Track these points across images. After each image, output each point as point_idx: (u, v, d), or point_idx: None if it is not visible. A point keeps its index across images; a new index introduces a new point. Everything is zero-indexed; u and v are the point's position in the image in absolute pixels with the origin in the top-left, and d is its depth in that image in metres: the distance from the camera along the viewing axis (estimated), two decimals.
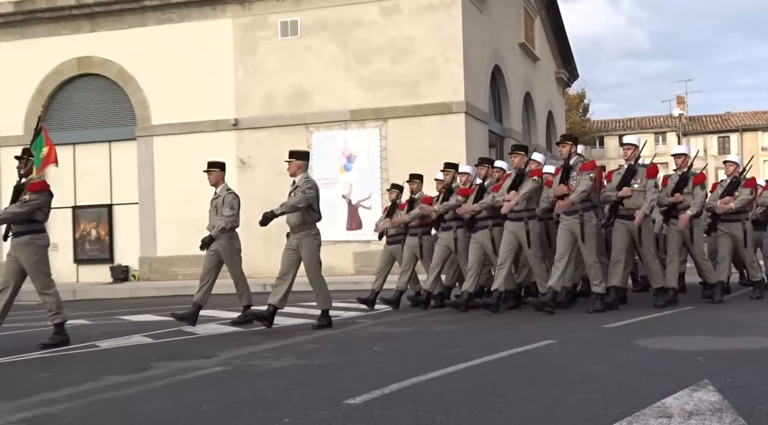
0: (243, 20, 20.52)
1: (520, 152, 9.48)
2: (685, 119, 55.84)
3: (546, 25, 28.70)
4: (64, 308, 7.87)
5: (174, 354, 6.79)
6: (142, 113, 21.14)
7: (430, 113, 18.92)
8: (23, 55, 21.71)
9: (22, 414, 4.37)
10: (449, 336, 7.35)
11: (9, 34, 21.93)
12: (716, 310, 8.88)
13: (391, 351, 6.49)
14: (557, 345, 6.37)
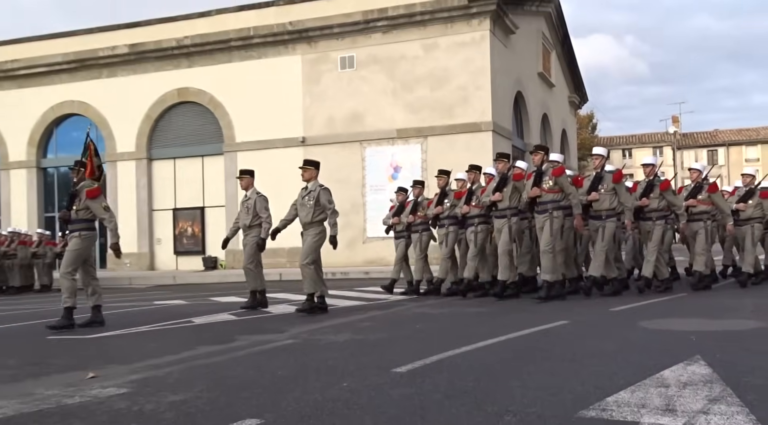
0: (309, 56, 20.65)
1: (503, 159, 9.19)
2: (679, 135, 54.84)
3: (561, 57, 28.33)
4: (77, 296, 7.38)
5: (253, 329, 6.81)
6: (228, 133, 21.40)
7: (462, 131, 18.83)
8: (135, 87, 22.16)
9: (134, 375, 4.43)
10: (478, 317, 7.29)
11: (124, 70, 22.40)
12: (707, 296, 8.65)
13: (431, 329, 6.45)
14: (570, 325, 6.26)
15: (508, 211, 8.81)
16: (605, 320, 6.71)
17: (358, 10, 20.01)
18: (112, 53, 22.26)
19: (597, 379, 3.81)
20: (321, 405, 3.41)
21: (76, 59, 22.62)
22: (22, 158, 23.58)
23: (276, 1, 21.21)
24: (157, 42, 21.78)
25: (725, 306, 7.55)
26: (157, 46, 21.77)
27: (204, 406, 3.49)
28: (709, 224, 9.55)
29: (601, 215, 8.71)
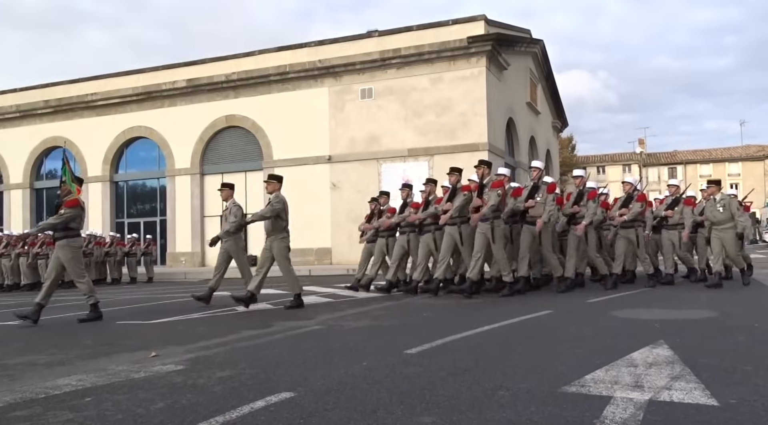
0: (335, 88, 20.70)
1: (454, 172, 8.72)
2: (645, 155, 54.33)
3: (545, 89, 28.20)
4: (96, 292, 7.28)
5: (287, 316, 6.79)
6: (267, 152, 21.49)
7: (463, 151, 18.77)
8: (190, 114, 22.33)
9: (188, 355, 4.43)
10: (476, 307, 7.21)
11: (182, 100, 22.59)
12: (668, 290, 8.54)
13: (436, 317, 6.40)
14: (554, 314, 6.20)
15: (457, 219, 8.29)
16: (583, 309, 6.63)
17: (377, 50, 20.07)
18: (172, 87, 22.47)
19: (576, 360, 3.77)
20: (344, 381, 3.39)
21: (144, 92, 22.86)
22: (98, 173, 23.84)
23: (308, 43, 21.33)
24: (209, 77, 21.95)
25: (684, 299, 7.44)
26: (209, 81, 21.94)
27: (246, 381, 3.48)
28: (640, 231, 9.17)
29: (536, 221, 8.29)
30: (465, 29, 19.19)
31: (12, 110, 24.96)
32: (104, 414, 2.87)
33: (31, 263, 15.43)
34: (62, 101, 24.09)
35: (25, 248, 15.57)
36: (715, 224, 8.92)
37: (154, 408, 2.94)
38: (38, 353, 4.81)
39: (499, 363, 3.76)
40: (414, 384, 3.27)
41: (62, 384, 3.55)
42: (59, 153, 24.91)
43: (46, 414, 2.92)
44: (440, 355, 4.06)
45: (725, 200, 8.89)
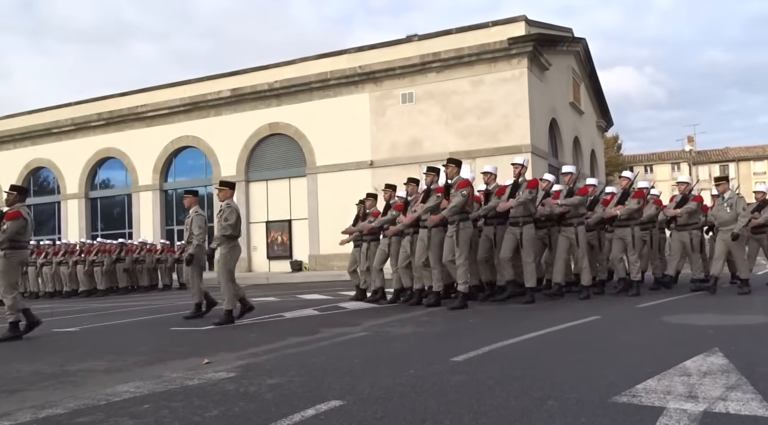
0: (376, 94, 20.82)
1: (431, 172, 8.02)
2: (694, 152, 52.74)
3: (589, 88, 27.67)
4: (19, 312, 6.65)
5: (333, 323, 6.83)
6: (310, 158, 21.76)
7: (505, 153, 18.55)
8: (235, 123, 22.82)
9: (238, 362, 4.52)
10: (522, 313, 7.10)
11: (227, 109, 23.11)
12: (720, 295, 8.25)
13: (482, 323, 6.34)
14: (602, 320, 6.08)
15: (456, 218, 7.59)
16: (633, 315, 6.49)
17: (416, 54, 20.09)
18: (217, 97, 23.01)
19: (627, 368, 3.69)
20: (392, 389, 3.42)
21: (190, 102, 23.49)
22: (148, 182, 24.59)
23: (348, 50, 21.52)
24: (253, 86, 22.38)
25: (737, 303, 7.20)
26: (253, 90, 22.37)
27: (296, 389, 3.55)
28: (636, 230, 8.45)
29: (518, 221, 7.77)
30: (505, 31, 19.03)
31: (68, 123, 26.00)
32: (162, 421, 2.97)
33: (87, 270, 16.02)
34: (114, 114, 24.97)
35: (82, 256, 16.18)
36: (720, 224, 8.37)
37: (209, 416, 3.03)
38: (97, 359, 5.00)
39: (548, 371, 3.72)
40: (462, 393, 3.27)
41: (121, 391, 3.69)
42: (113, 163, 25.84)
43: (108, 420, 3.04)
44: (487, 363, 4.04)
45: (733, 198, 8.27)
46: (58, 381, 4.16)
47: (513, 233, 7.83)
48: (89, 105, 25.86)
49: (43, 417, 3.17)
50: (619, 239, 8.47)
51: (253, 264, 22.86)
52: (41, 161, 27.06)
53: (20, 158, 27.35)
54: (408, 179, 8.75)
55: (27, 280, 16.85)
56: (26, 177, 27.48)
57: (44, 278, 16.73)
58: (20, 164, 27.36)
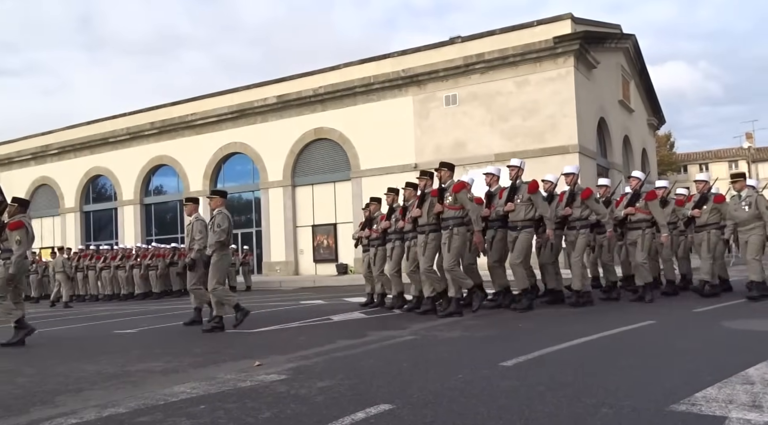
0: (419, 96, 20.81)
1: (424, 176, 7.77)
2: (753, 149, 50.53)
3: (639, 85, 26.93)
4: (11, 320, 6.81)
5: (381, 326, 6.84)
6: (354, 162, 21.91)
7: (552, 154, 18.29)
8: (281, 128, 23.18)
9: (289, 364, 4.58)
10: (573, 317, 6.95)
11: (273, 116, 23.51)
12: None
13: (531, 328, 6.25)
14: (657, 325, 5.90)
15: (426, 227, 7.40)
16: (689, 320, 6.27)
17: (459, 56, 19.99)
18: (264, 103, 23.43)
19: (685, 375, 3.58)
20: (441, 394, 3.41)
21: (238, 110, 23.99)
22: (198, 188, 25.22)
23: (391, 53, 21.58)
24: (298, 92, 22.70)
25: None
26: (298, 96, 22.69)
27: (345, 391, 3.58)
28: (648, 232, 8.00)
29: (516, 225, 7.44)
30: (550, 29, 18.72)
31: (123, 133, 26.96)
32: (217, 422, 3.05)
33: (143, 274, 16.55)
34: (166, 122, 25.74)
35: (138, 261, 16.73)
36: (740, 225, 7.84)
37: (262, 418, 3.09)
38: (154, 360, 5.16)
39: (601, 377, 3.64)
40: (512, 398, 3.24)
41: (178, 392, 3.80)
42: (165, 170, 26.65)
43: (166, 420, 3.14)
44: (537, 368, 3.99)
45: (752, 196, 7.76)
46: (119, 381, 4.32)
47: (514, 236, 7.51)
48: (143, 115, 26.73)
49: (106, 416, 3.30)
50: (632, 242, 8.10)
51: (300, 267, 23.15)
52: (99, 169, 28.13)
53: (81, 167, 28.50)
54: (406, 183, 8.48)
55: (87, 283, 17.55)
56: (86, 185, 28.61)
57: (103, 281, 17.37)
58: (80, 172, 28.51)
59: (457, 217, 7.15)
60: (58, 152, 29.10)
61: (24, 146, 30.29)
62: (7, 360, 5.86)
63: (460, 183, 7.23)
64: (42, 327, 9.31)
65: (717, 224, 8.40)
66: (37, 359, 5.85)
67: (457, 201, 7.13)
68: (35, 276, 18.75)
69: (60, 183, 29.17)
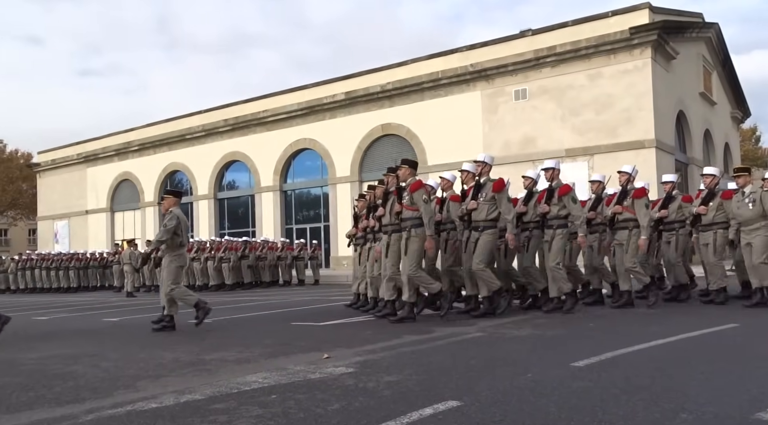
0: (488, 91, 20.53)
1: (390, 173, 7.20)
2: None
3: (722, 76, 25.50)
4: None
5: (448, 323, 6.71)
6: (421, 158, 21.85)
7: (627, 149, 17.63)
8: (348, 125, 23.46)
9: (356, 358, 4.63)
10: (648, 318, 6.66)
11: (342, 112, 23.83)
12: None
13: (603, 328, 6.05)
14: (740, 328, 5.58)
15: (389, 227, 6.92)
16: None
17: (530, 49, 19.57)
18: (332, 100, 23.78)
19: None
20: (510, 392, 3.36)
21: (307, 106, 24.47)
22: (269, 183, 25.92)
23: (459, 48, 21.39)
24: (365, 89, 22.89)
25: None
26: (365, 92, 22.88)
27: (413, 387, 3.59)
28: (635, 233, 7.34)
29: (478, 225, 6.88)
30: (626, 20, 18.02)
31: (198, 130, 28.04)
32: (288, 412, 3.13)
33: (216, 266, 17.18)
34: (239, 119, 26.57)
35: (212, 253, 17.38)
36: (743, 224, 7.07)
37: (331, 409, 3.14)
38: (227, 350, 5.35)
39: (679, 381, 3.48)
40: (584, 399, 3.15)
41: (251, 381, 3.92)
42: (238, 166, 27.53)
43: (239, 408, 3.25)
44: (611, 370, 3.86)
45: (756, 192, 6.97)
46: (195, 368, 4.50)
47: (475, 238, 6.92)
48: (217, 112, 27.71)
49: (183, 402, 3.45)
50: (619, 244, 7.47)
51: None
52: (176, 164, 29.39)
53: (159, 163, 29.87)
54: (379, 181, 7.93)
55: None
56: (164, 180, 29.96)
57: None
58: (159, 167, 29.88)
59: (415, 218, 6.65)
60: (139, 149, 30.60)
61: (108, 143, 32.04)
62: (93, 345, 6.23)
63: (417, 182, 6.76)
64: (123, 315, 9.84)
65: (725, 224, 7.55)
66: (120, 345, 6.19)
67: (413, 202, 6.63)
68: (117, 267, 19.81)
69: (140, 178, 30.67)
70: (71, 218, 33.50)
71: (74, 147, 33.70)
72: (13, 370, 4.84)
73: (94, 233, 32.13)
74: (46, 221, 35.39)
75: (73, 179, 33.54)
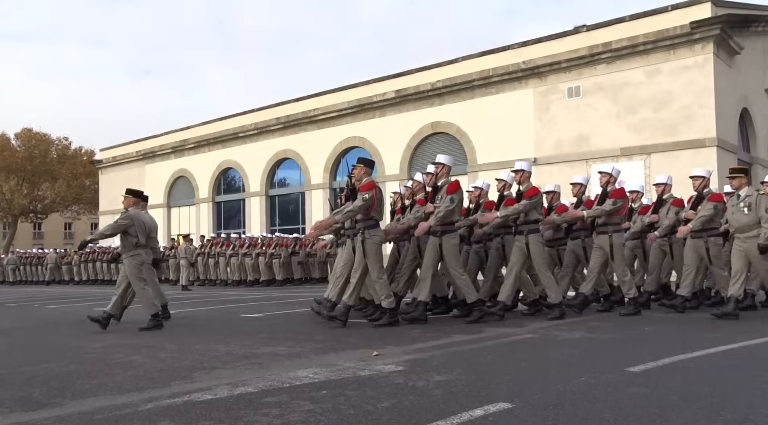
0: (540, 89, 20.15)
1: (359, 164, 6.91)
2: None
3: None
4: None
5: (498, 323, 6.64)
6: (471, 156, 21.67)
7: (686, 148, 16.96)
8: (398, 123, 23.45)
9: (405, 356, 4.64)
10: (708, 323, 6.41)
11: (391, 110, 23.83)
12: None
13: (660, 332, 5.87)
14: None
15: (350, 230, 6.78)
16: None
17: (584, 45, 19.09)
18: (382, 98, 23.81)
19: None
20: (563, 396, 3.29)
21: (357, 105, 24.58)
22: (319, 181, 26.19)
23: (511, 45, 21.06)
24: (416, 87, 22.81)
25: None
26: (416, 90, 22.80)
27: (463, 387, 3.56)
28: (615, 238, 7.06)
29: (436, 230, 6.61)
30: (687, 14, 17.34)
31: (251, 128, 28.60)
32: (339, 408, 3.16)
33: (267, 262, 17.52)
34: (290, 118, 26.95)
35: (263, 249, 17.73)
36: (737, 230, 6.56)
37: (381, 407, 3.15)
38: (279, 344, 5.45)
39: (742, 390, 3.34)
40: (640, 406, 3.06)
41: (301, 376, 3.98)
42: (289, 164, 27.95)
43: (291, 402, 3.30)
44: (669, 376, 3.74)
45: (752, 196, 6.45)
46: (248, 362, 4.60)
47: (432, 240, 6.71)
48: (269, 111, 28.18)
49: (237, 394, 3.53)
50: (598, 247, 7.15)
51: None
52: (230, 162, 30.05)
53: (214, 160, 30.63)
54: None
55: (218, 269, 18.87)
56: (218, 177, 30.69)
57: (232, 268, 18.59)
58: (213, 165, 30.63)
59: (368, 219, 6.46)
60: (194, 146, 31.44)
61: (165, 141, 33.05)
62: (150, 336, 6.45)
63: (369, 183, 6.57)
64: (179, 308, 10.14)
65: (714, 230, 7.11)
66: (176, 337, 6.39)
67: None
68: (173, 261, 20.45)
69: (195, 175, 31.51)
70: None
71: (134, 145, 34.93)
72: (79, 358, 5.06)
73: None
74: (107, 216, 36.81)
75: (133, 175, 34.77)
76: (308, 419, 2.96)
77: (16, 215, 43.34)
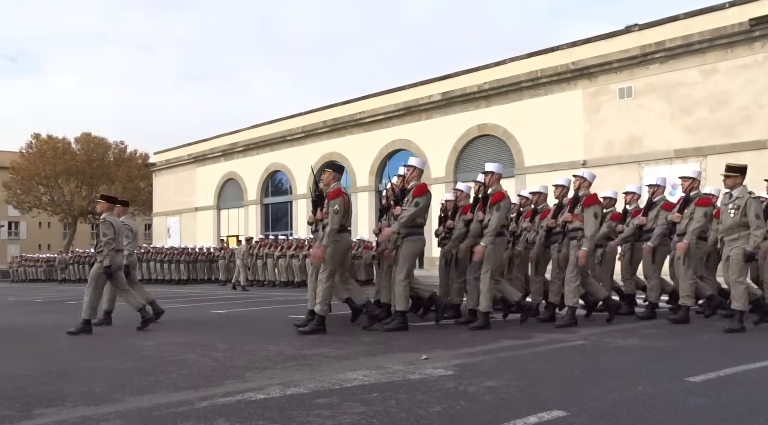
0: (590, 90, 19.73)
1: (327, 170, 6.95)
2: None
3: None
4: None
5: (548, 328, 6.56)
6: (518, 158, 21.40)
7: (744, 150, 16.27)
8: (445, 125, 23.36)
9: (455, 360, 4.61)
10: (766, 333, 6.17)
11: (438, 112, 23.77)
12: None
13: (718, 342, 5.61)
14: None
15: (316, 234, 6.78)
16: None
17: (636, 45, 18.60)
18: (428, 101, 23.77)
19: None
20: (619, 405, 3.20)
21: (404, 107, 24.62)
22: (365, 183, 26.34)
23: (560, 46, 20.71)
24: (462, 89, 22.69)
25: None
26: (462, 92, 22.68)
27: (515, 393, 3.50)
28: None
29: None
30: (745, 11, 16.67)
31: (298, 131, 29.02)
32: (390, 411, 3.15)
33: (301, 264, 17.72)
34: (337, 121, 27.21)
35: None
36: (724, 232, 6.12)
37: (432, 411, 3.13)
38: (328, 346, 5.48)
39: None
40: (702, 418, 2.94)
41: (352, 378, 3.99)
42: None
43: (342, 404, 3.31)
44: (731, 387, 3.59)
45: (743, 198, 5.96)
46: (299, 363, 4.64)
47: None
48: (315, 114, 28.52)
49: (289, 395, 3.57)
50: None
51: None
52: (277, 165, 30.56)
53: (262, 163, 31.20)
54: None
55: (266, 270, 19.18)
56: (266, 179, 31.25)
57: (279, 269, 18.86)
58: (261, 167, 31.20)
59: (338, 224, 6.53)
60: (243, 150, 32.10)
61: (215, 144, 33.85)
62: (203, 335, 6.60)
63: (336, 191, 6.54)
64: (230, 308, 10.34)
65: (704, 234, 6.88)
66: (228, 336, 6.52)
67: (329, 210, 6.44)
68: (223, 262, 20.89)
69: (244, 178, 32.16)
70: (182, 214, 35.71)
71: (185, 148, 35.90)
72: (135, 355, 5.22)
73: (202, 229, 34.07)
74: (160, 217, 37.96)
75: (184, 178, 35.75)
76: (360, 421, 2.97)
77: (76, 216, 45.18)
